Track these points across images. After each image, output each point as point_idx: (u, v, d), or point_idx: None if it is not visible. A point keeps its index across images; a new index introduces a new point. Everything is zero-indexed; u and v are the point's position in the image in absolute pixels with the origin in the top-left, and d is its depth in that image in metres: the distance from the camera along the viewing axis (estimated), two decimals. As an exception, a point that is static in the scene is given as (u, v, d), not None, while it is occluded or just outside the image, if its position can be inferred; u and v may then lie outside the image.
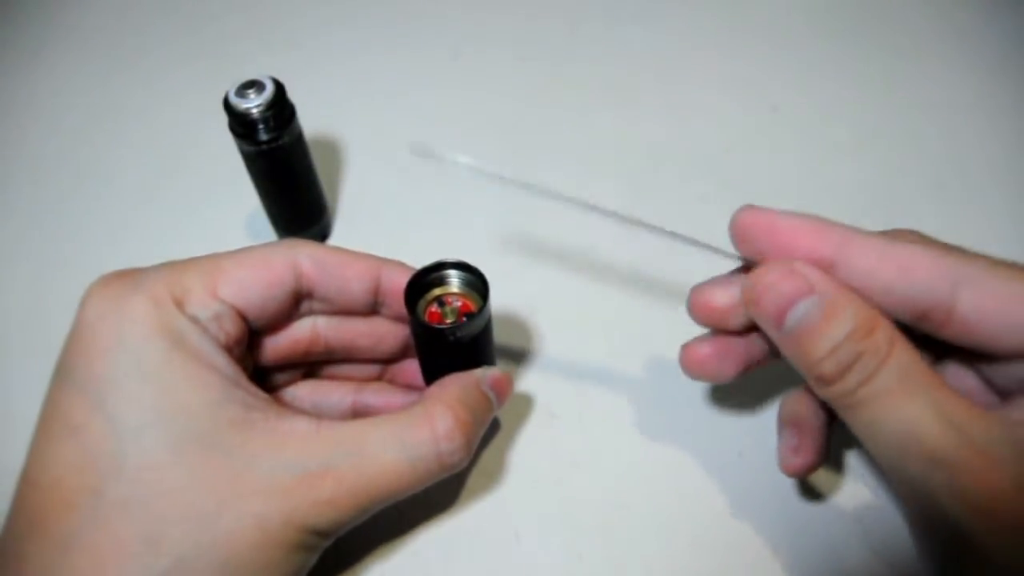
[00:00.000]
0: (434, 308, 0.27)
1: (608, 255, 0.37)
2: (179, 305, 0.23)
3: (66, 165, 0.42)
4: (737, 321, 0.25)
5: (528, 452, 0.31)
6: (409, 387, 0.30)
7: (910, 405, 0.20)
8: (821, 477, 0.30)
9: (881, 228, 0.24)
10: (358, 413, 0.29)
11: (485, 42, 0.47)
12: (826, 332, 0.21)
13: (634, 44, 0.47)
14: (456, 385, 0.26)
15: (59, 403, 0.22)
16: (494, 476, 0.31)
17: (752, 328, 0.25)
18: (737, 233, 0.24)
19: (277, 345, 0.27)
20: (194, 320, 0.23)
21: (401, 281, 0.26)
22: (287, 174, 0.34)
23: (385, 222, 0.39)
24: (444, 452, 0.24)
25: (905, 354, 0.21)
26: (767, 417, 0.32)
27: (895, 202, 0.39)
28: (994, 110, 0.43)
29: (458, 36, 0.48)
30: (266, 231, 0.38)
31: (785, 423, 0.27)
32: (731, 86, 0.45)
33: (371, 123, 0.43)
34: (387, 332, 0.28)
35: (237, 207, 0.39)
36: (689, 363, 0.26)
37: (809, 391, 0.27)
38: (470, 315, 0.26)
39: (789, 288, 0.22)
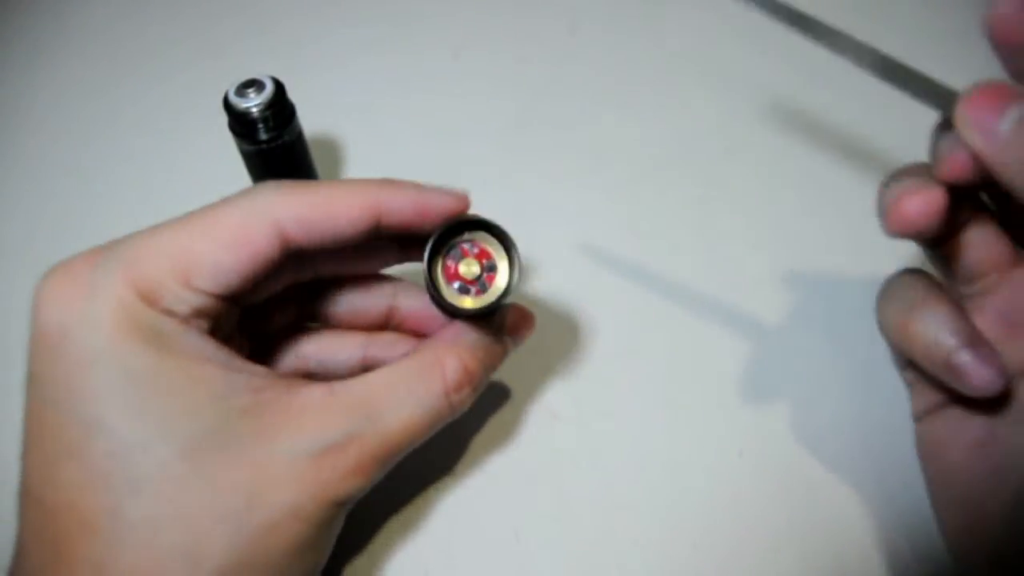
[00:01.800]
0: (451, 264, 0.24)
1: (608, 254, 0.37)
2: (149, 301, 0.20)
3: (65, 164, 0.42)
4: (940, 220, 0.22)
5: (528, 452, 0.31)
6: (418, 333, 0.28)
7: None
8: (821, 477, 0.30)
9: (877, 230, 0.24)
10: (368, 368, 0.27)
11: (485, 42, 0.47)
12: None
13: (634, 44, 0.47)
14: (471, 333, 0.25)
15: (45, 422, 0.20)
16: (494, 476, 0.31)
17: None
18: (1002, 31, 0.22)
19: (264, 294, 0.25)
20: (170, 314, 0.21)
21: (405, 210, 0.23)
22: (287, 173, 0.34)
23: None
24: (455, 402, 0.24)
25: None
26: (767, 417, 0.32)
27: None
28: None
29: (458, 36, 0.48)
30: (266, 231, 0.38)
31: (964, 342, 0.23)
32: (731, 86, 0.45)
33: (371, 123, 0.43)
34: (389, 252, 0.27)
35: (237, 207, 0.39)
36: (903, 217, 0.23)
37: (943, 300, 0.25)
38: (491, 265, 0.24)
39: (998, 96, 0.21)
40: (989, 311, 0.25)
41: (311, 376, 0.27)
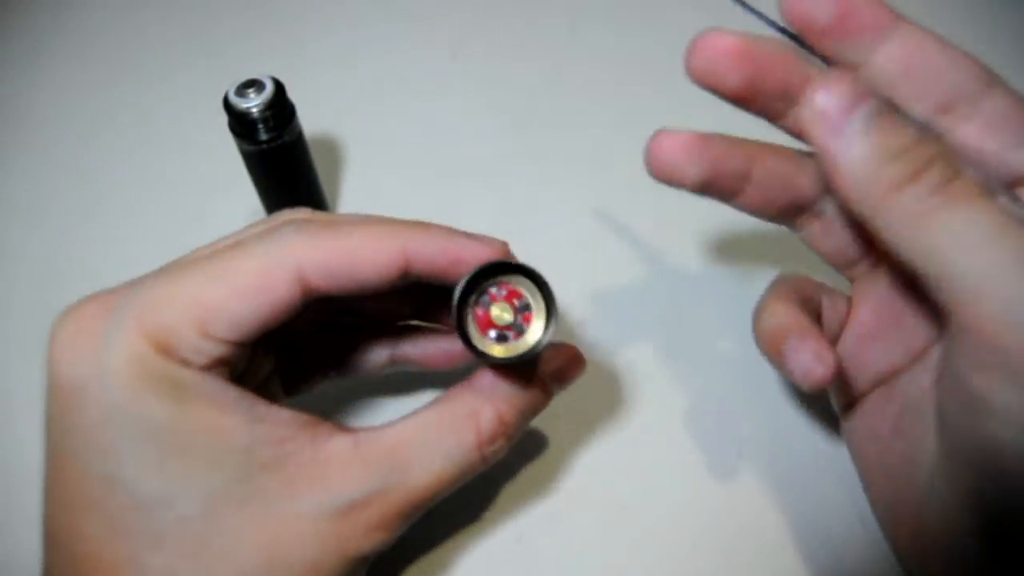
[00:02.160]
0: (481, 312, 0.22)
1: (609, 254, 0.37)
2: (165, 351, 0.19)
3: (65, 164, 0.42)
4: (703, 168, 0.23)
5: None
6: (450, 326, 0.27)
7: (990, 207, 0.18)
8: (822, 475, 0.30)
9: None
10: (396, 362, 0.27)
11: (484, 42, 0.47)
12: (894, 130, 0.19)
13: (634, 44, 0.47)
14: (509, 380, 0.23)
15: (67, 471, 0.20)
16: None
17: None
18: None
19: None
20: (187, 363, 0.20)
21: (435, 258, 0.22)
22: (287, 174, 0.34)
23: (385, 222, 0.39)
24: (487, 454, 0.23)
25: (972, 167, 0.19)
26: (767, 417, 0.32)
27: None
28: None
29: (457, 36, 0.48)
30: (266, 231, 0.38)
31: (783, 334, 0.23)
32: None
33: (371, 123, 0.43)
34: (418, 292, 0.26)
35: (237, 207, 0.39)
36: (660, 153, 0.24)
37: (786, 299, 0.25)
38: (523, 304, 0.22)
39: (852, 90, 0.19)
40: (871, 301, 0.25)
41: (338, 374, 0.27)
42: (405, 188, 0.40)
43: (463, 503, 0.23)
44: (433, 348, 0.27)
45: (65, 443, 0.20)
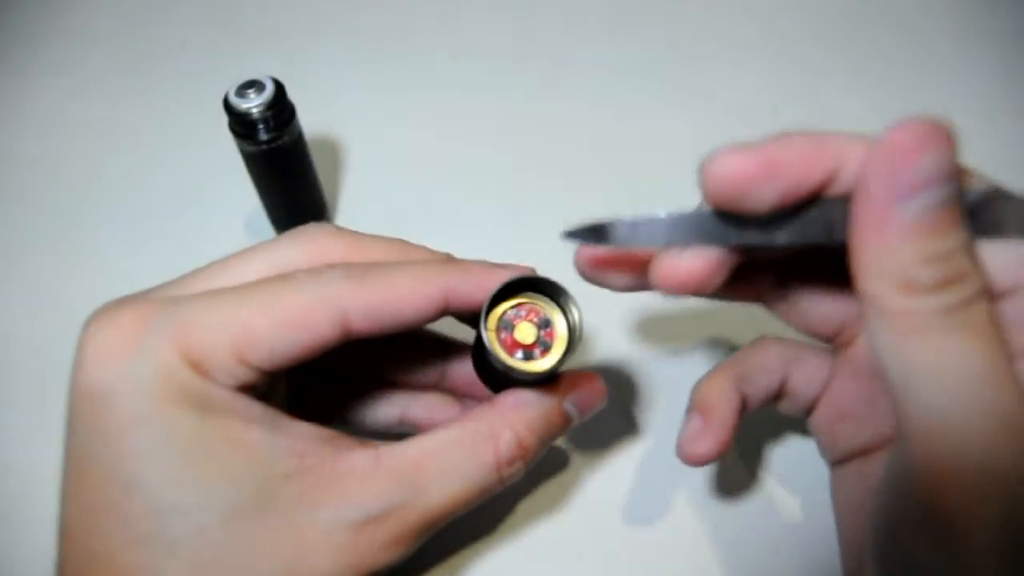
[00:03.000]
0: (505, 336, 0.23)
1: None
2: (198, 370, 0.20)
3: (65, 165, 0.42)
4: (722, 276, 0.20)
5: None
6: (467, 395, 0.28)
7: (1001, 349, 0.17)
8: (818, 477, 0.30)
9: None
10: (405, 424, 0.27)
11: (484, 43, 0.47)
12: (946, 232, 0.17)
13: (633, 45, 0.47)
14: (531, 405, 0.23)
15: (87, 471, 0.20)
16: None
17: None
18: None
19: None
20: (217, 383, 0.20)
21: (473, 295, 0.22)
22: (287, 174, 0.34)
23: (385, 222, 0.39)
24: (505, 476, 0.23)
25: (986, 298, 0.17)
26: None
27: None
28: (994, 111, 0.43)
29: (457, 37, 0.48)
30: (266, 231, 0.38)
31: (692, 407, 0.25)
32: (731, 86, 0.45)
33: (371, 123, 0.43)
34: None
35: (237, 207, 0.39)
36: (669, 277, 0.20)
37: (723, 375, 0.25)
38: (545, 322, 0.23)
39: (935, 164, 0.16)
40: (845, 377, 0.24)
41: (344, 425, 0.27)
42: (405, 188, 0.40)
43: (476, 513, 0.24)
44: (448, 415, 0.27)
45: (89, 445, 0.20)
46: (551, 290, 0.23)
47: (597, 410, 0.25)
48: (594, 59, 0.46)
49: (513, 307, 0.23)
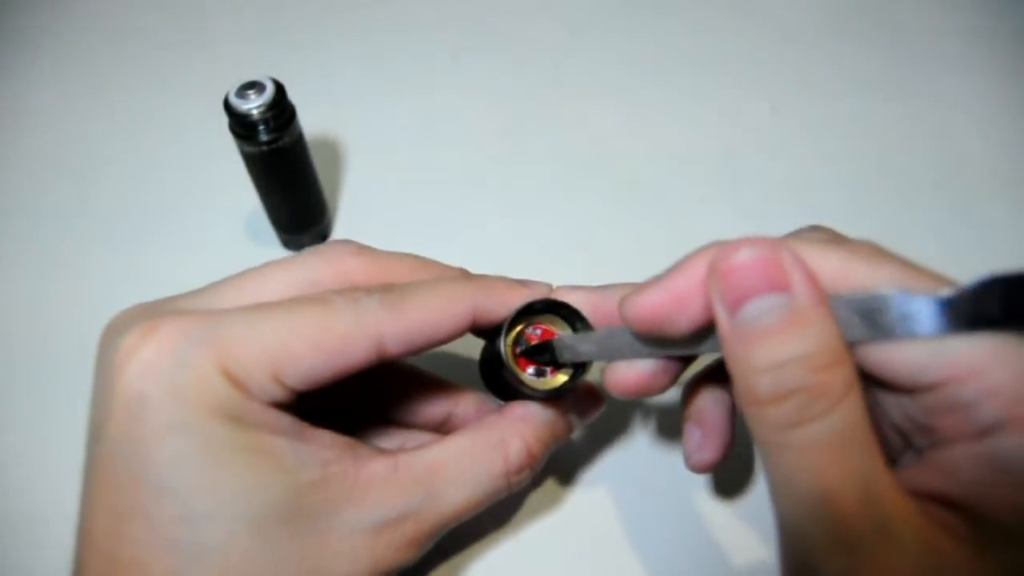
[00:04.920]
0: (517, 351, 0.24)
1: (611, 256, 0.37)
2: (235, 385, 0.20)
3: (66, 166, 0.42)
4: (666, 380, 0.23)
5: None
6: None
7: (839, 470, 0.17)
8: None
9: (878, 231, 0.23)
10: (450, 422, 0.28)
11: (484, 44, 0.47)
12: (778, 341, 0.17)
13: (633, 46, 0.47)
14: (539, 416, 0.25)
15: (115, 476, 0.20)
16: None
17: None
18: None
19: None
20: (252, 398, 0.21)
21: (496, 311, 0.24)
22: (287, 175, 0.34)
23: (385, 222, 0.39)
24: (513, 483, 0.24)
25: (856, 408, 0.17)
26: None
27: (893, 204, 0.39)
28: (994, 111, 0.43)
29: (457, 38, 0.48)
30: (266, 231, 0.38)
31: (687, 417, 0.25)
32: (730, 87, 0.45)
33: (371, 123, 0.43)
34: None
35: (237, 207, 0.39)
36: (620, 384, 0.23)
37: (709, 379, 0.26)
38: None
39: (760, 274, 0.18)
40: None
41: None
42: (405, 189, 0.40)
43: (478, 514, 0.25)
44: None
45: (119, 450, 0.20)
46: (567, 313, 0.24)
47: (595, 416, 0.27)
48: (594, 60, 0.46)
49: (529, 325, 0.24)
